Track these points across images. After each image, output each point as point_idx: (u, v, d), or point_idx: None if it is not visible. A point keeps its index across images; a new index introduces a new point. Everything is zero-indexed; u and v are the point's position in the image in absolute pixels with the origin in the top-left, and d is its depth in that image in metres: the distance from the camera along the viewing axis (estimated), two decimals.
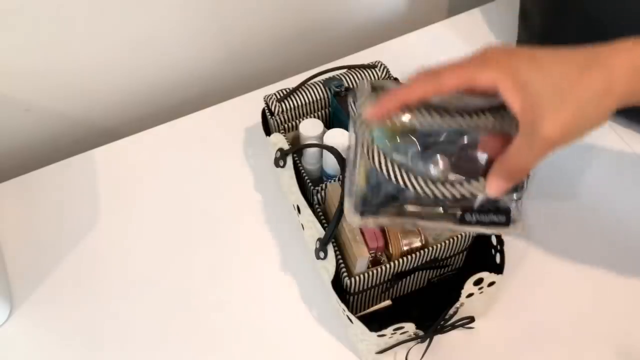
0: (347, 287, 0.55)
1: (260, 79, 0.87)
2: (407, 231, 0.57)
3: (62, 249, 0.68)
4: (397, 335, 0.54)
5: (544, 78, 0.37)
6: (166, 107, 0.87)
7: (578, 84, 0.37)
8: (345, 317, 0.55)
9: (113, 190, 0.73)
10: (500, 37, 0.89)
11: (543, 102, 0.37)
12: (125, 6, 0.72)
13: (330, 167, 0.62)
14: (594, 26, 0.70)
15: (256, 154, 0.76)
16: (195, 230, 0.69)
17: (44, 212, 0.71)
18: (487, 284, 0.54)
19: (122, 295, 0.64)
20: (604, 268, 0.65)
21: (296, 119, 0.68)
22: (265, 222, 0.70)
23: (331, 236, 0.54)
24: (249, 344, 0.61)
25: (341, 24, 0.93)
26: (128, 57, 0.78)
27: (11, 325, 0.62)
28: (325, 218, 0.60)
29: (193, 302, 0.64)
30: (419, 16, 0.99)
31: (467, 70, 0.38)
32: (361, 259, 0.54)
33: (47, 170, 0.75)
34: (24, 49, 0.70)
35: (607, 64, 0.38)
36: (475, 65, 0.38)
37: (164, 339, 0.62)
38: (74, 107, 0.80)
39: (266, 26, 0.86)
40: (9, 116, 0.76)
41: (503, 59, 0.38)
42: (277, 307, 0.63)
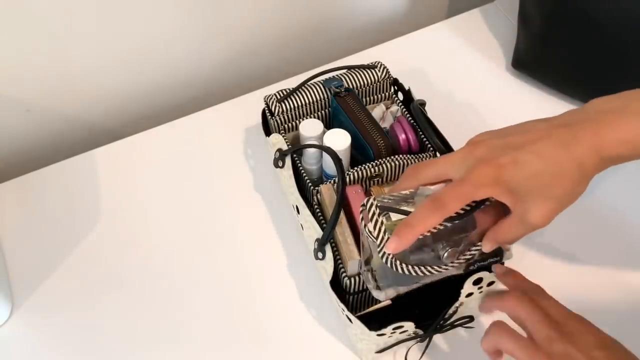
0: (347, 287, 0.55)
1: (260, 79, 0.87)
2: None
3: (63, 249, 0.68)
4: (396, 334, 0.54)
5: (529, 180, 0.42)
6: (166, 107, 0.87)
7: (559, 181, 0.42)
8: (344, 317, 0.55)
9: (113, 190, 0.73)
10: (500, 37, 0.89)
11: (530, 200, 0.43)
12: (125, 6, 0.72)
13: (330, 167, 0.63)
14: (594, 26, 0.70)
15: (256, 154, 0.76)
16: (195, 230, 0.69)
17: (44, 212, 0.71)
18: (486, 284, 0.54)
19: (122, 295, 0.65)
20: (605, 268, 0.65)
21: (296, 119, 0.68)
22: (265, 222, 0.70)
23: (328, 237, 0.54)
24: (249, 344, 0.61)
25: (341, 24, 0.93)
26: (128, 57, 0.79)
27: (12, 325, 0.63)
28: (324, 218, 0.60)
29: (193, 302, 0.64)
30: (419, 16, 0.99)
31: (467, 193, 0.43)
32: (352, 262, 0.54)
33: (47, 171, 0.75)
34: (25, 49, 0.70)
35: (588, 145, 0.42)
36: (473, 185, 0.43)
37: (164, 339, 0.62)
38: (74, 107, 0.80)
39: (266, 26, 0.86)
40: (9, 116, 0.76)
41: (492, 171, 0.43)
42: (277, 306, 0.63)
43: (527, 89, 0.83)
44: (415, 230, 0.43)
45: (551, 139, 0.42)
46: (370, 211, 0.46)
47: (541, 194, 0.43)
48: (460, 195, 0.43)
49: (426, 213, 0.43)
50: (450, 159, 0.45)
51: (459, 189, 0.43)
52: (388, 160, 0.61)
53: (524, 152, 0.42)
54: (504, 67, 0.86)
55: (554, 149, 0.42)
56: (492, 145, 0.44)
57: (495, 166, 0.42)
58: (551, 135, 0.43)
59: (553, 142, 0.42)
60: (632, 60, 0.69)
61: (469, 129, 0.78)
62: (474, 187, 0.43)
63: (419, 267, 0.46)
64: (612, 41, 0.70)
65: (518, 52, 0.82)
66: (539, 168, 0.42)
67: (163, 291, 0.65)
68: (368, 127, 0.64)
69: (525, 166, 0.42)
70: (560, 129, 0.43)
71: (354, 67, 0.69)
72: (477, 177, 0.43)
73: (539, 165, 0.42)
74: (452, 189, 0.44)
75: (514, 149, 0.43)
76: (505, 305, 0.47)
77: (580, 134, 0.42)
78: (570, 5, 0.71)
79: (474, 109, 0.80)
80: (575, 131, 0.42)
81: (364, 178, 0.61)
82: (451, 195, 0.43)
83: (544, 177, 0.42)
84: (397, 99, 0.70)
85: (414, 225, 0.43)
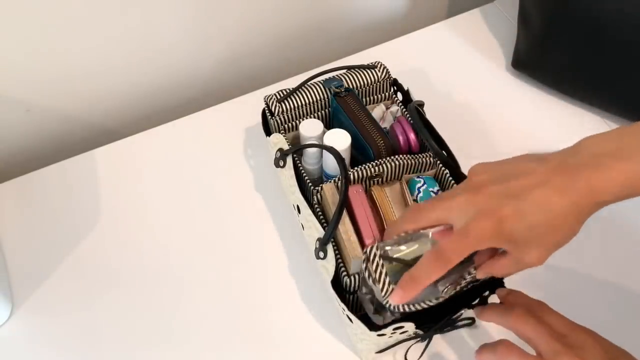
0: (347, 287, 0.55)
1: (260, 79, 0.87)
2: None
3: (63, 249, 0.68)
4: (397, 334, 0.54)
5: (529, 231, 0.43)
6: (166, 107, 0.87)
7: (556, 230, 0.44)
8: (345, 317, 0.55)
9: (113, 190, 0.73)
10: (500, 37, 0.89)
11: (527, 247, 0.45)
12: (125, 7, 0.72)
13: (330, 167, 0.63)
14: (594, 27, 0.70)
15: (256, 154, 0.76)
16: (195, 230, 0.69)
17: (44, 212, 0.71)
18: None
19: (122, 295, 0.65)
20: (604, 268, 0.65)
21: (296, 119, 0.68)
22: (266, 221, 0.70)
23: (330, 236, 0.54)
24: (249, 343, 0.61)
25: (341, 24, 0.93)
26: (128, 57, 0.79)
27: (12, 325, 0.63)
28: (325, 218, 0.60)
29: (193, 301, 0.64)
30: (419, 16, 0.99)
31: (469, 246, 0.44)
32: (355, 260, 0.54)
33: (47, 171, 0.75)
34: (25, 49, 0.70)
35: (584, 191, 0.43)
36: (475, 239, 0.44)
37: (164, 338, 0.62)
38: (74, 107, 0.80)
39: (266, 26, 0.86)
40: (9, 116, 0.76)
41: (493, 224, 0.44)
42: (277, 306, 0.63)
43: (526, 89, 0.83)
44: (420, 284, 0.45)
45: (549, 186, 0.43)
46: (374, 263, 0.47)
47: (539, 243, 0.44)
48: (462, 249, 0.44)
49: (430, 267, 0.45)
50: (450, 206, 0.46)
51: (461, 243, 0.44)
52: (388, 160, 0.61)
53: (524, 202, 0.43)
54: (504, 67, 0.86)
55: (552, 197, 0.43)
56: (493, 193, 0.45)
57: (496, 219, 0.43)
58: (549, 181, 0.44)
59: (551, 190, 0.43)
60: (632, 61, 0.70)
61: (468, 129, 0.78)
62: (475, 241, 0.44)
63: (418, 303, 0.49)
64: (611, 41, 0.70)
65: (518, 52, 0.82)
66: (538, 219, 0.43)
67: (163, 291, 0.65)
68: (368, 127, 0.64)
69: (525, 218, 0.43)
70: (557, 173, 0.44)
71: (354, 67, 0.69)
72: (479, 231, 0.44)
73: (538, 217, 0.43)
74: (454, 243, 0.44)
75: (514, 198, 0.44)
76: (510, 323, 0.48)
77: (575, 180, 0.43)
78: (570, 5, 0.71)
79: (474, 109, 0.81)
80: (570, 176, 0.43)
81: (364, 178, 0.61)
82: (454, 249, 0.44)
83: (543, 228, 0.43)
84: (397, 99, 0.70)
85: (418, 279, 0.45)
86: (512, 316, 0.47)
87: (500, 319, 0.49)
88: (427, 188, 0.61)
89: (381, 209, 0.59)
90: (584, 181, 0.43)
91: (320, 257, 0.56)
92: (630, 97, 0.73)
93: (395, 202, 0.61)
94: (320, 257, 0.56)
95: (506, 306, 0.49)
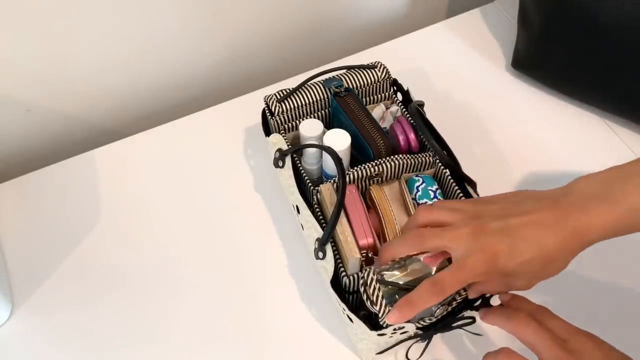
0: (346, 287, 0.55)
1: (260, 79, 0.87)
2: None
3: (63, 249, 0.68)
4: (397, 334, 0.54)
5: (520, 266, 0.47)
6: (166, 107, 0.87)
7: (545, 266, 0.47)
8: (345, 317, 0.55)
9: (113, 190, 0.73)
10: (500, 37, 0.89)
11: (517, 278, 0.48)
12: (125, 6, 0.72)
13: (330, 167, 0.63)
14: (594, 27, 0.70)
15: (256, 154, 0.76)
16: (195, 230, 0.69)
17: (44, 212, 0.71)
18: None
19: (122, 295, 0.65)
20: (604, 268, 0.65)
21: (296, 119, 0.68)
22: (265, 222, 0.70)
23: (329, 236, 0.54)
24: (249, 343, 0.61)
25: (341, 24, 0.93)
26: (128, 57, 0.79)
27: (12, 324, 0.63)
28: (324, 218, 0.60)
29: (193, 301, 0.64)
30: (419, 16, 0.99)
31: (464, 279, 0.47)
32: (352, 260, 0.54)
33: (47, 171, 0.75)
34: (25, 49, 0.70)
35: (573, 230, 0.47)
36: (470, 273, 0.47)
37: (164, 338, 0.62)
38: (74, 107, 0.80)
39: (266, 26, 0.86)
40: (9, 116, 0.76)
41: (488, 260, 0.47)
42: (277, 306, 0.63)
43: (526, 89, 0.83)
44: (415, 309, 0.48)
45: (542, 225, 0.47)
46: (372, 286, 0.50)
47: (530, 275, 0.48)
48: (459, 281, 0.47)
49: (426, 295, 0.48)
50: (453, 237, 0.48)
51: (458, 276, 0.47)
52: (388, 160, 0.61)
53: (519, 240, 0.47)
54: (504, 67, 0.86)
55: (544, 235, 0.46)
56: (492, 229, 0.48)
57: (491, 254, 0.47)
58: (542, 220, 0.47)
59: (544, 229, 0.47)
60: (632, 61, 0.69)
61: (468, 129, 0.78)
62: (471, 274, 0.47)
63: (413, 322, 0.52)
64: (611, 41, 0.70)
65: (518, 52, 0.82)
66: (531, 256, 0.46)
67: (163, 291, 0.65)
68: (368, 127, 0.64)
69: (518, 254, 0.46)
70: (549, 212, 0.47)
71: (354, 67, 0.69)
72: (474, 265, 0.47)
73: (532, 254, 0.46)
74: (451, 276, 0.47)
75: (510, 236, 0.47)
76: (512, 328, 0.49)
77: (565, 219, 0.47)
78: (570, 5, 0.71)
79: (474, 109, 0.81)
80: (561, 216, 0.47)
81: (364, 178, 0.61)
82: (451, 281, 0.47)
83: (535, 263, 0.47)
84: (397, 99, 0.70)
85: (414, 304, 0.48)
86: (514, 320, 0.49)
87: (503, 323, 0.50)
88: (426, 187, 0.61)
89: (380, 208, 0.59)
90: (572, 221, 0.46)
91: (320, 257, 0.56)
92: (630, 97, 0.73)
93: (394, 201, 0.61)
94: (319, 257, 0.56)
95: (509, 310, 0.50)
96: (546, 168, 0.75)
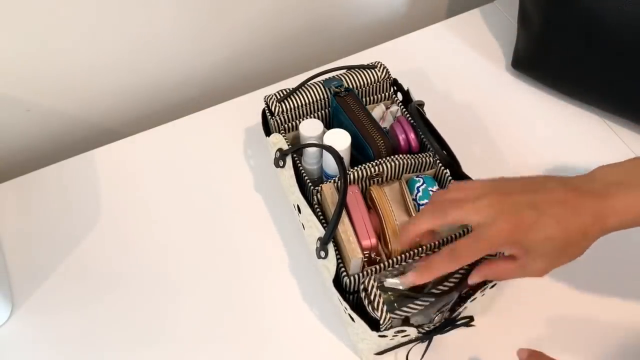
0: (347, 287, 0.55)
1: (260, 79, 0.87)
2: None
3: (63, 249, 0.68)
4: (398, 337, 0.54)
5: (543, 242, 0.46)
6: (166, 107, 0.87)
7: (565, 247, 0.47)
8: (347, 316, 0.55)
9: (113, 190, 0.73)
10: (500, 37, 0.89)
11: (537, 257, 0.48)
12: (125, 6, 0.72)
13: (330, 167, 0.63)
14: (593, 27, 0.70)
15: (256, 154, 0.76)
16: (195, 230, 0.69)
17: (44, 212, 0.71)
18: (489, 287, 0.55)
19: (122, 295, 0.65)
20: (603, 267, 0.65)
21: (296, 119, 0.68)
22: (266, 221, 0.70)
23: (331, 235, 0.55)
24: (249, 343, 0.61)
25: (341, 24, 0.93)
26: (128, 57, 0.79)
27: (12, 325, 0.63)
28: (324, 218, 0.60)
29: (193, 301, 0.64)
30: (419, 16, 0.99)
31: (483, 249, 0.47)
32: (354, 260, 0.54)
33: (47, 171, 0.75)
34: (25, 49, 0.70)
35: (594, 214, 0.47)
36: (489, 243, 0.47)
37: (164, 339, 0.62)
38: (74, 107, 0.80)
39: (266, 26, 0.86)
40: (9, 116, 0.76)
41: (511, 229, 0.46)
42: (278, 306, 0.63)
43: (526, 89, 0.83)
44: (432, 274, 0.49)
45: (566, 205, 0.47)
46: (372, 293, 0.51)
47: (548, 255, 0.47)
48: (476, 251, 0.47)
49: (444, 261, 0.48)
50: (475, 207, 0.48)
51: (476, 246, 0.47)
52: (388, 160, 0.61)
53: (544, 216, 0.46)
54: (504, 67, 0.86)
55: (568, 216, 0.46)
56: (517, 201, 0.47)
57: (515, 224, 0.46)
58: (567, 201, 0.47)
59: (568, 209, 0.46)
60: (632, 61, 0.70)
61: (468, 129, 0.78)
62: (490, 245, 0.47)
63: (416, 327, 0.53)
64: (611, 41, 0.70)
65: (518, 52, 0.82)
66: (554, 233, 0.46)
67: (163, 291, 0.65)
68: (368, 127, 0.64)
69: (542, 229, 0.46)
70: (573, 196, 0.47)
71: (353, 67, 0.69)
72: (496, 234, 0.46)
73: (555, 231, 0.46)
74: (469, 245, 0.47)
75: (536, 209, 0.46)
76: None
77: (587, 204, 0.47)
78: (570, 5, 0.71)
79: (474, 109, 0.81)
80: (583, 200, 0.47)
81: (364, 178, 0.61)
82: (468, 250, 0.47)
83: (555, 244, 0.46)
84: (397, 99, 0.70)
85: (431, 269, 0.49)
86: None
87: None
88: (427, 187, 0.61)
89: (380, 208, 0.59)
90: (594, 206, 0.47)
91: (322, 256, 0.56)
92: (630, 97, 0.73)
93: (395, 201, 0.61)
94: (321, 256, 0.56)
95: None
96: (546, 168, 0.75)
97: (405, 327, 0.52)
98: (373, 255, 0.57)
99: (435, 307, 0.54)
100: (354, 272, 0.55)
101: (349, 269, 0.55)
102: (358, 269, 0.55)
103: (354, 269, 0.55)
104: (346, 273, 0.55)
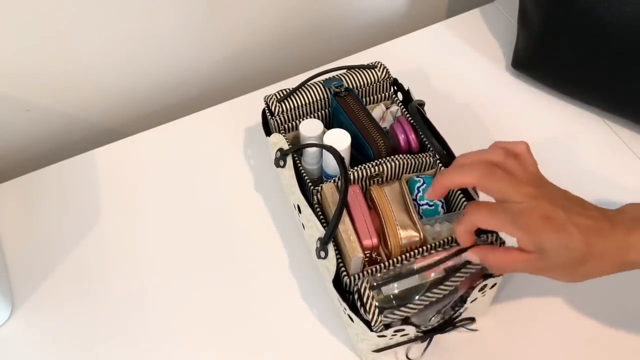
0: (347, 286, 0.55)
1: (260, 79, 0.87)
2: (406, 225, 0.57)
3: (63, 249, 0.68)
4: (397, 336, 0.54)
5: (564, 251, 0.46)
6: (166, 107, 0.87)
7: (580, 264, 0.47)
8: (346, 316, 0.55)
9: (113, 190, 0.73)
10: (500, 37, 0.89)
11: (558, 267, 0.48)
12: (125, 6, 0.72)
13: (330, 167, 0.63)
14: (594, 27, 0.70)
15: (256, 154, 0.76)
16: (195, 230, 0.69)
17: (44, 212, 0.71)
18: (489, 287, 0.55)
19: (122, 295, 0.65)
20: None
21: (296, 119, 0.68)
22: (266, 221, 0.70)
23: (331, 235, 0.54)
24: (249, 343, 0.61)
25: (341, 24, 0.93)
26: (128, 57, 0.79)
27: (12, 324, 0.63)
28: (325, 218, 0.60)
29: (193, 301, 0.64)
30: (419, 16, 0.99)
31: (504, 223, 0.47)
32: (355, 259, 0.54)
33: (47, 170, 0.75)
34: (25, 49, 0.70)
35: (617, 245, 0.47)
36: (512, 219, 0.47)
37: (164, 338, 0.62)
38: (74, 107, 0.80)
39: (266, 26, 0.86)
40: (9, 116, 0.76)
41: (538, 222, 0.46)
42: (278, 306, 0.63)
43: (526, 89, 0.83)
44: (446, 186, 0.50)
45: (596, 224, 0.47)
46: (365, 295, 0.51)
47: (560, 264, 0.47)
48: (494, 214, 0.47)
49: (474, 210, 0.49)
50: (515, 190, 0.47)
51: (497, 212, 0.47)
52: (388, 160, 0.61)
53: (573, 223, 0.46)
54: (504, 67, 0.86)
55: (594, 234, 0.47)
56: (555, 202, 0.47)
57: (544, 217, 0.46)
58: (598, 222, 0.47)
59: (596, 229, 0.47)
60: (632, 61, 0.70)
61: (468, 129, 0.78)
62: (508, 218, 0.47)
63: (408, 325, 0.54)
64: (611, 41, 0.70)
65: (518, 52, 0.82)
66: (574, 243, 0.46)
67: (163, 291, 0.65)
68: (368, 127, 0.64)
69: (566, 234, 0.46)
70: (605, 220, 0.48)
71: (354, 67, 0.69)
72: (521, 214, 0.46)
73: (576, 241, 0.46)
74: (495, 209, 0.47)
75: (568, 214, 0.47)
76: None
77: (615, 233, 0.47)
78: (570, 5, 0.71)
79: (474, 109, 0.81)
80: (613, 229, 0.47)
81: (364, 178, 0.61)
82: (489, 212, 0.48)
83: (572, 253, 0.46)
84: (397, 99, 0.70)
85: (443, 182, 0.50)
86: None
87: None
88: (427, 187, 0.61)
89: (380, 208, 0.59)
90: (618, 238, 0.47)
91: (322, 256, 0.56)
92: (630, 97, 0.73)
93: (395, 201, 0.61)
94: (321, 256, 0.56)
95: None
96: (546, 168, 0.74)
97: (404, 327, 0.52)
98: (374, 255, 0.57)
99: (435, 308, 0.54)
100: (354, 272, 0.55)
101: (349, 268, 0.55)
102: (359, 269, 0.55)
103: (354, 268, 0.55)
104: (346, 273, 0.55)
